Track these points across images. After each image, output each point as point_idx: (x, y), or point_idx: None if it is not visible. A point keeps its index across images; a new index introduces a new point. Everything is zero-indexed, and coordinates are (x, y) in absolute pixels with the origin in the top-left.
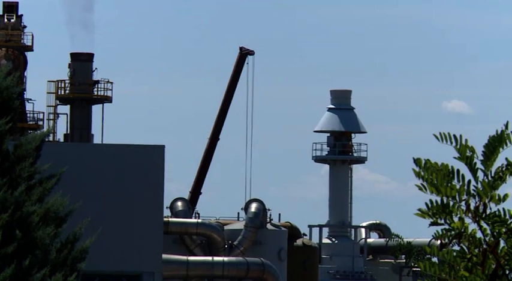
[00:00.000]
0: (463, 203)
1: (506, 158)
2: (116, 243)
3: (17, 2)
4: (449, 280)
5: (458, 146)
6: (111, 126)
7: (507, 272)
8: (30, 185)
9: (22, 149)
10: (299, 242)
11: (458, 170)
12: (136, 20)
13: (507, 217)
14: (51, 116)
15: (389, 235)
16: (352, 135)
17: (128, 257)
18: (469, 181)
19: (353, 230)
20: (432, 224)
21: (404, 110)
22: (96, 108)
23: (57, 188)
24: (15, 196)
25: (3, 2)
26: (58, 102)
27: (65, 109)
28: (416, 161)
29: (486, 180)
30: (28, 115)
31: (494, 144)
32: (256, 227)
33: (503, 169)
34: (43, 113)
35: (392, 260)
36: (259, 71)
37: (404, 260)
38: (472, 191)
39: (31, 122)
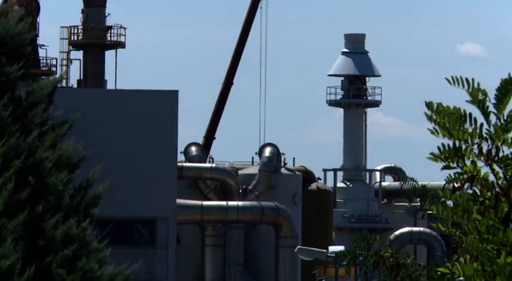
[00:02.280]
0: (475, 146)
1: None
2: (129, 189)
3: None
4: (462, 223)
5: (470, 90)
6: (124, 72)
7: None
8: (43, 131)
9: (35, 95)
10: (313, 186)
11: (470, 114)
12: None
13: None
14: (64, 62)
15: (404, 178)
16: (366, 79)
17: (142, 203)
18: (482, 124)
19: (368, 173)
20: (444, 167)
21: (418, 54)
22: (109, 54)
23: (70, 134)
24: (28, 142)
25: None
26: (71, 48)
27: (78, 55)
28: (429, 105)
29: (498, 123)
30: (41, 61)
31: (507, 87)
32: (271, 172)
33: None
34: (56, 59)
35: (407, 204)
36: (272, 15)
37: (419, 204)
38: (484, 135)
39: (44, 68)
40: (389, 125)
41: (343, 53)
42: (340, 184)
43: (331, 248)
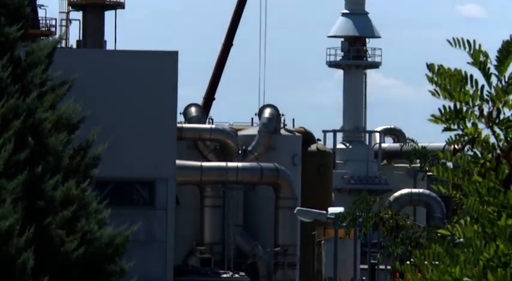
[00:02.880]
0: (476, 108)
1: None
2: (129, 150)
3: None
4: (462, 185)
5: (471, 51)
6: (124, 33)
7: None
8: (43, 92)
9: (34, 55)
10: (313, 147)
11: (471, 76)
12: None
13: None
14: (64, 23)
15: (404, 140)
16: (366, 40)
17: (142, 164)
18: (483, 86)
19: (367, 135)
20: (445, 129)
21: (418, 15)
22: (108, 15)
23: (69, 95)
24: (27, 103)
25: None
26: (70, 9)
27: (77, 15)
28: (430, 67)
29: (499, 85)
30: (40, 22)
31: (508, 49)
32: (270, 133)
33: None
34: (55, 19)
35: (407, 165)
36: None
37: (419, 165)
38: (485, 97)
39: (43, 29)
40: (389, 87)
41: (343, 15)
42: (339, 145)
43: (331, 210)
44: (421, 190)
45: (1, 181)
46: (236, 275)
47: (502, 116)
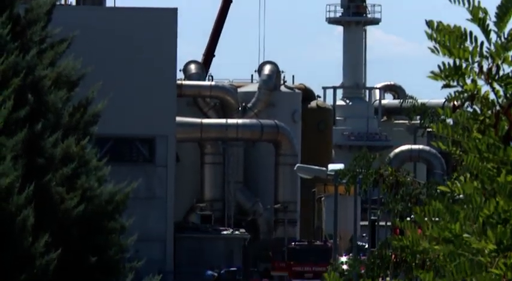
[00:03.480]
0: (475, 65)
1: None
2: (129, 107)
3: None
4: (462, 142)
5: (470, 8)
6: None
7: None
8: (42, 49)
9: (33, 13)
10: (313, 104)
11: (471, 32)
12: None
13: None
14: None
15: (404, 96)
16: None
17: (142, 121)
18: (482, 43)
19: (367, 91)
20: (445, 86)
21: None
22: None
23: (68, 52)
24: (27, 60)
25: None
26: None
27: None
28: (429, 24)
29: (499, 42)
30: None
31: (508, 5)
32: (270, 89)
33: None
34: None
35: (407, 121)
36: None
37: (419, 121)
38: (484, 53)
39: None
40: (389, 43)
41: None
42: (339, 102)
43: (331, 166)
44: (421, 146)
45: (1, 138)
46: (236, 232)
47: (501, 73)
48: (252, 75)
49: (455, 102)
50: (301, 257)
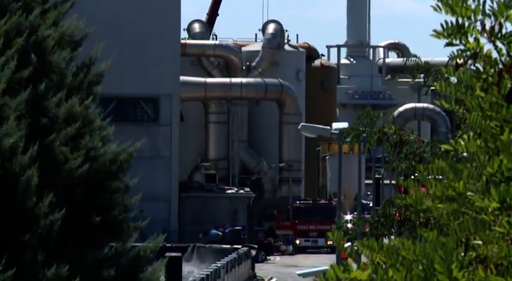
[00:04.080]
0: (478, 23)
1: None
2: (132, 66)
3: None
4: (465, 100)
5: None
6: None
7: None
8: (45, 9)
9: None
10: (317, 62)
11: None
12: None
13: None
14: None
15: (408, 55)
16: None
17: (145, 80)
18: (485, 1)
19: (371, 50)
20: (447, 44)
21: None
22: None
23: (72, 12)
24: (30, 20)
25: None
26: None
27: None
28: None
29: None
30: None
31: None
32: (274, 48)
33: None
34: None
35: (411, 80)
36: None
37: (422, 80)
38: (487, 11)
39: None
40: (393, 1)
41: None
42: (343, 61)
43: (335, 125)
44: (425, 105)
45: (4, 99)
46: (241, 191)
47: (504, 31)
48: (255, 34)
49: (458, 61)
50: (306, 216)
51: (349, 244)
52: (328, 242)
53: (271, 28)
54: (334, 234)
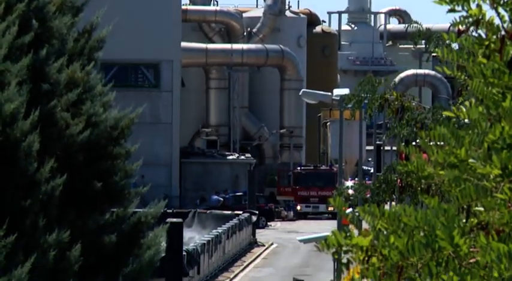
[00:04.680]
0: None
1: None
2: (134, 32)
3: None
4: (467, 67)
5: None
6: None
7: None
8: None
9: None
10: (318, 29)
11: None
12: None
13: None
14: None
15: (409, 21)
16: None
17: (147, 46)
18: None
19: (373, 16)
20: (450, 11)
21: None
22: None
23: None
24: None
25: None
26: None
27: None
28: None
29: None
30: None
31: None
32: (275, 14)
33: None
34: None
35: (412, 46)
36: None
37: (424, 46)
38: None
39: None
40: None
41: None
42: (344, 27)
43: (336, 91)
44: (426, 71)
45: (5, 64)
46: (242, 157)
47: None
48: (257, 0)
49: (460, 27)
50: (307, 182)
51: (350, 210)
52: (329, 208)
53: None
54: (336, 200)
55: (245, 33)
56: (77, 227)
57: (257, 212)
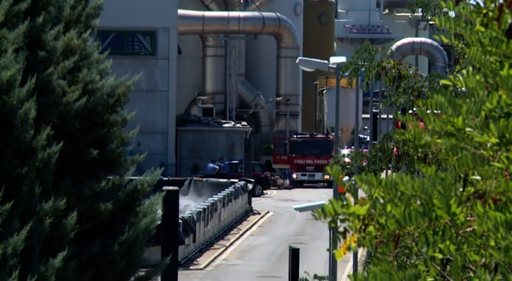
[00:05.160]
0: None
1: None
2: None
3: None
4: (465, 35)
5: None
6: None
7: None
8: None
9: None
10: None
11: None
12: None
13: None
14: None
15: None
16: None
17: (143, 13)
18: None
19: None
20: None
21: None
22: None
23: None
24: None
25: None
26: None
27: None
28: None
29: None
30: None
31: None
32: None
33: None
34: None
35: (409, 14)
36: None
37: (421, 14)
38: None
39: None
40: None
41: None
42: None
43: (333, 59)
44: (423, 39)
45: (2, 31)
46: (238, 125)
47: None
48: None
49: None
50: (303, 150)
51: (346, 178)
52: (325, 177)
53: None
54: (333, 168)
55: (242, 1)
56: (73, 194)
57: (253, 180)
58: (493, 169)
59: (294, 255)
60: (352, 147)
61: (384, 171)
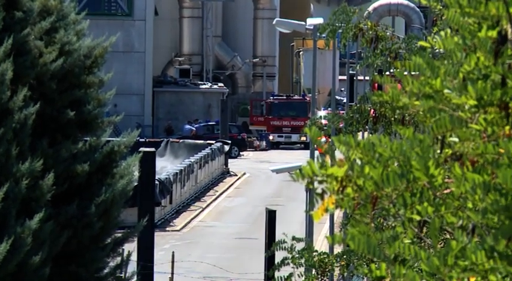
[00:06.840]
0: None
1: None
2: None
3: None
4: None
5: None
6: None
7: None
8: None
9: None
10: None
11: None
12: None
13: None
14: None
15: None
16: None
17: None
18: None
19: None
20: None
21: None
22: None
23: None
24: None
25: None
26: None
27: None
28: None
29: None
30: None
31: None
32: None
33: None
34: None
35: None
36: None
37: None
38: None
39: None
40: None
41: None
42: None
43: (310, 21)
44: (399, 0)
45: None
46: (215, 86)
47: None
48: None
49: None
50: (280, 112)
51: (323, 140)
52: (302, 138)
53: None
54: (311, 130)
55: None
56: (49, 156)
57: (230, 141)
58: (471, 131)
59: (271, 217)
60: (329, 109)
61: (361, 133)
